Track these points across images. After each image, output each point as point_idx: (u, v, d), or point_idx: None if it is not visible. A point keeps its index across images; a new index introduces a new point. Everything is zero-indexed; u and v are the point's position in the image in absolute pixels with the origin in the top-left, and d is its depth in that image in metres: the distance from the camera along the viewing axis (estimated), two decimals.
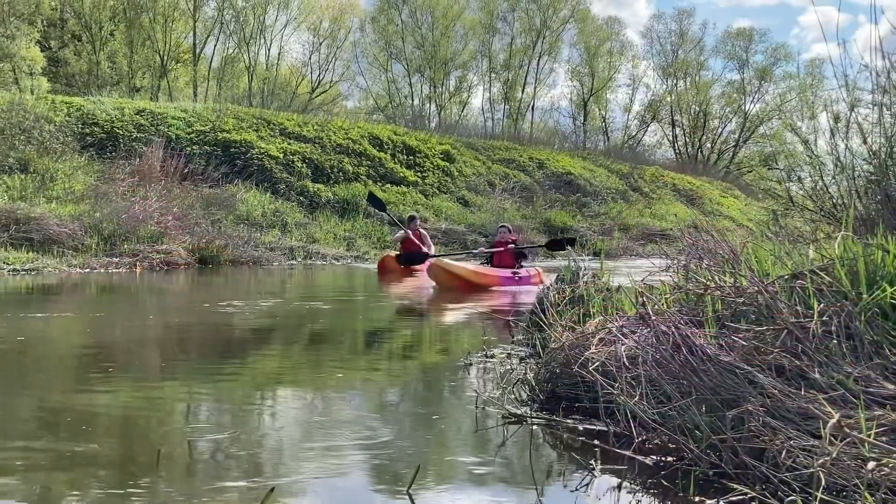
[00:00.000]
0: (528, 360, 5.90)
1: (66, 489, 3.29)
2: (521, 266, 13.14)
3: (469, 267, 12.29)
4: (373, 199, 18.95)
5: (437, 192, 29.20)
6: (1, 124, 20.73)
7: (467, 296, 11.53)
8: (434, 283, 12.13)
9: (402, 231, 17.82)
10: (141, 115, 24.88)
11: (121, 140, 23.34)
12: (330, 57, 53.67)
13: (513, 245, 13.41)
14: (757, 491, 3.11)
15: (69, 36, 44.23)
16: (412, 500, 3.20)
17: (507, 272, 12.60)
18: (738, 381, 3.57)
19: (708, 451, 3.45)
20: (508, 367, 5.70)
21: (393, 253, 17.51)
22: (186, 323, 8.83)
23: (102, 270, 14.51)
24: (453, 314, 10.26)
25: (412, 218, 18.28)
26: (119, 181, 19.93)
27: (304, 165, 25.88)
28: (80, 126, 23.24)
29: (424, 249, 16.88)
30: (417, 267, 15.98)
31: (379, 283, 14.88)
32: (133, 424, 4.28)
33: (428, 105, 57.20)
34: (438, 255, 14.96)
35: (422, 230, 18.26)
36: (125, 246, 15.98)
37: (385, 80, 57.39)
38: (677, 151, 65.74)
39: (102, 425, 4.27)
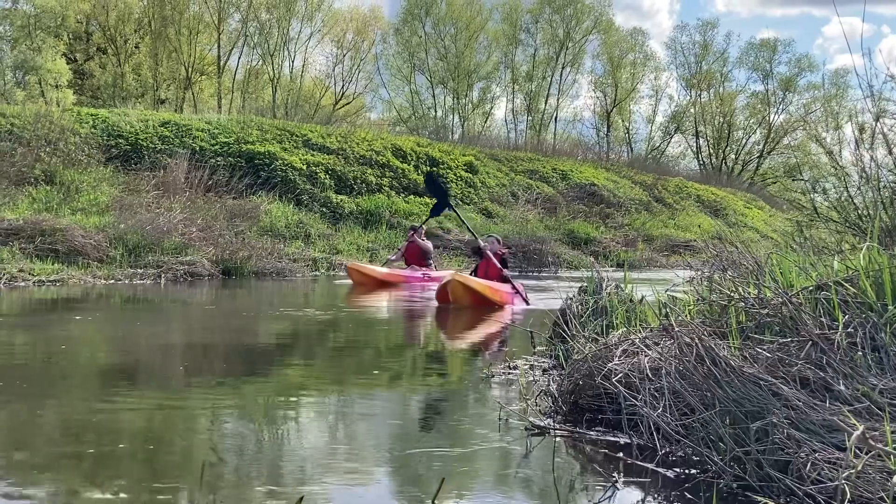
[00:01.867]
0: (550, 372, 5.89)
1: (92, 498, 3.32)
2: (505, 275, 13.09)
3: (488, 284, 12.20)
4: (431, 185, 17.37)
5: (461, 202, 29.14)
6: (27, 136, 20.91)
7: (467, 309, 11.47)
8: (452, 300, 11.84)
9: (397, 252, 17.85)
10: (165, 127, 25.01)
11: (145, 152, 23.44)
12: (353, 69, 53.80)
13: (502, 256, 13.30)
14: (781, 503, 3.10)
15: (95, 49, 44.68)
16: None
17: (508, 287, 12.61)
18: (763, 392, 3.55)
19: (732, 463, 3.44)
20: (531, 378, 5.70)
21: (354, 262, 17.20)
22: (211, 334, 8.87)
23: (127, 282, 14.59)
24: (469, 326, 10.24)
25: (414, 228, 17.76)
26: (143, 193, 20.03)
27: (328, 177, 25.89)
28: (105, 138, 23.36)
29: (422, 271, 16.47)
30: (393, 279, 15.87)
31: (351, 294, 14.45)
32: (160, 435, 4.31)
33: (451, 116, 57.31)
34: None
35: (422, 241, 17.38)
36: (149, 257, 16.03)
37: (408, 92, 57.53)
38: (701, 163, 65.40)
39: (128, 436, 4.29)
